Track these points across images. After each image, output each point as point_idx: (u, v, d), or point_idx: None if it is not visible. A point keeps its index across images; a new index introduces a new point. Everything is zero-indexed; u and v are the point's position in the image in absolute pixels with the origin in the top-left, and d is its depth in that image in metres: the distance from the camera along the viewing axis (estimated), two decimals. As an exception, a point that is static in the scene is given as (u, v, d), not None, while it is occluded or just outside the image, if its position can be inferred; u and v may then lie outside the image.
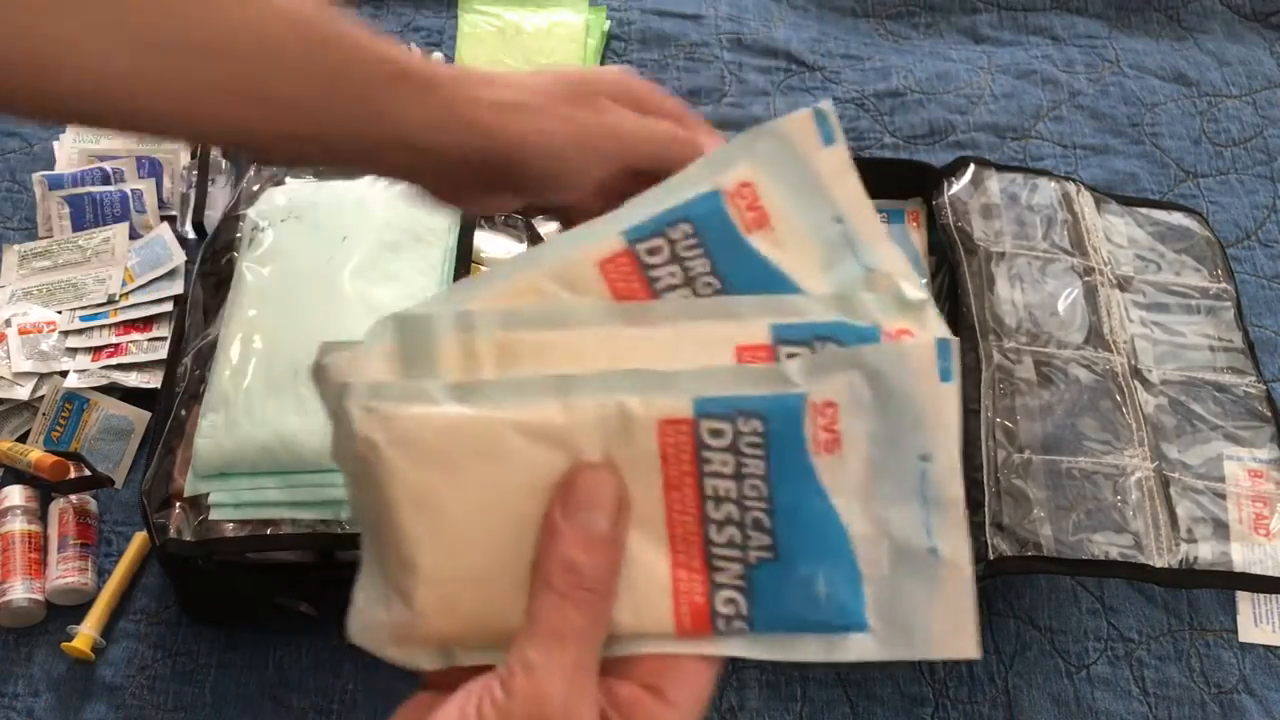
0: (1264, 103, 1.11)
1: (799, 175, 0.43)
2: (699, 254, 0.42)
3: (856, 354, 0.38)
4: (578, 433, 0.38)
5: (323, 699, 0.80)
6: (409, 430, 0.37)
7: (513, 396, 0.38)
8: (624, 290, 0.42)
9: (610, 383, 0.38)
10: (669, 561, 0.38)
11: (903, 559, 0.39)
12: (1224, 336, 0.85)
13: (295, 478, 0.72)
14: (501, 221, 0.87)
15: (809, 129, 0.43)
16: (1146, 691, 0.80)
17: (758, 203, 0.43)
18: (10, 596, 0.81)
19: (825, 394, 0.38)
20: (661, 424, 0.38)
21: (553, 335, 0.40)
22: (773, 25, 1.17)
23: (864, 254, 0.43)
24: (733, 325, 0.40)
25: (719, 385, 0.38)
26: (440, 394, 0.38)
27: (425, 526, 0.37)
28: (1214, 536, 0.75)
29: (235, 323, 0.78)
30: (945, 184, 0.88)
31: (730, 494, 0.38)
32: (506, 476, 0.37)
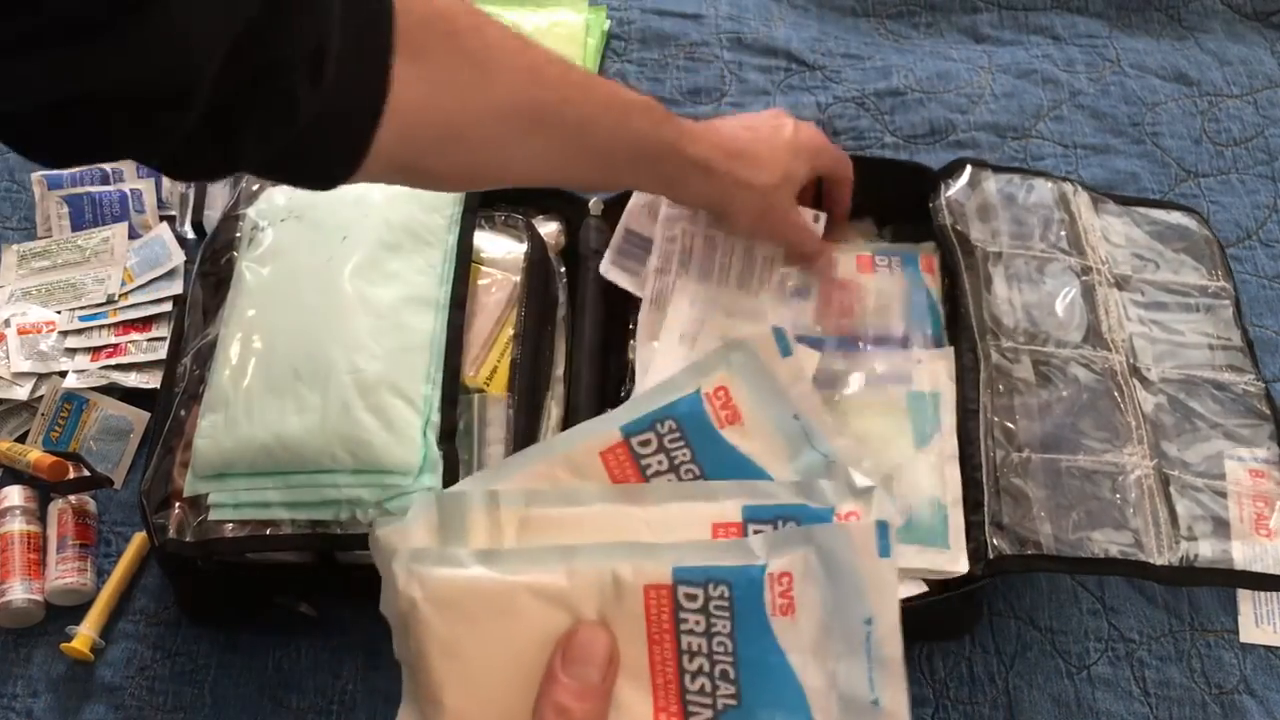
0: (1265, 102, 1.11)
1: (764, 381, 0.53)
2: (681, 445, 0.52)
3: (809, 532, 0.46)
4: (579, 595, 0.45)
5: (323, 699, 0.80)
6: (441, 589, 0.46)
7: (526, 563, 0.46)
8: (619, 475, 0.51)
9: (606, 553, 0.46)
10: (651, 706, 0.46)
11: (849, 708, 0.46)
12: (1223, 335, 0.85)
13: (295, 478, 0.72)
14: (502, 222, 0.87)
15: (770, 344, 0.55)
16: (1147, 692, 0.80)
17: (731, 402, 0.53)
18: (9, 597, 0.81)
19: (782, 565, 0.46)
20: (646, 589, 0.45)
21: (564, 511, 0.49)
22: (773, 25, 1.17)
23: (819, 444, 0.53)
24: (711, 505, 0.49)
25: (695, 556, 0.46)
26: (468, 559, 0.46)
27: (451, 670, 0.46)
28: (1214, 534, 0.75)
29: (235, 323, 0.78)
30: (942, 185, 0.88)
31: (702, 649, 0.46)
32: (519, 630, 0.45)
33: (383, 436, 0.71)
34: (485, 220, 0.86)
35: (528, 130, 0.63)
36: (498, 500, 0.49)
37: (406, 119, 0.55)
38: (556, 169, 0.70)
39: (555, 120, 0.64)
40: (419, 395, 0.73)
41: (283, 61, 0.47)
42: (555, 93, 0.64)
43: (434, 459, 0.72)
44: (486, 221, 0.87)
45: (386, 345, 0.75)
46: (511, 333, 0.82)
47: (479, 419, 0.78)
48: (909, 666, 0.80)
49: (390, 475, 0.71)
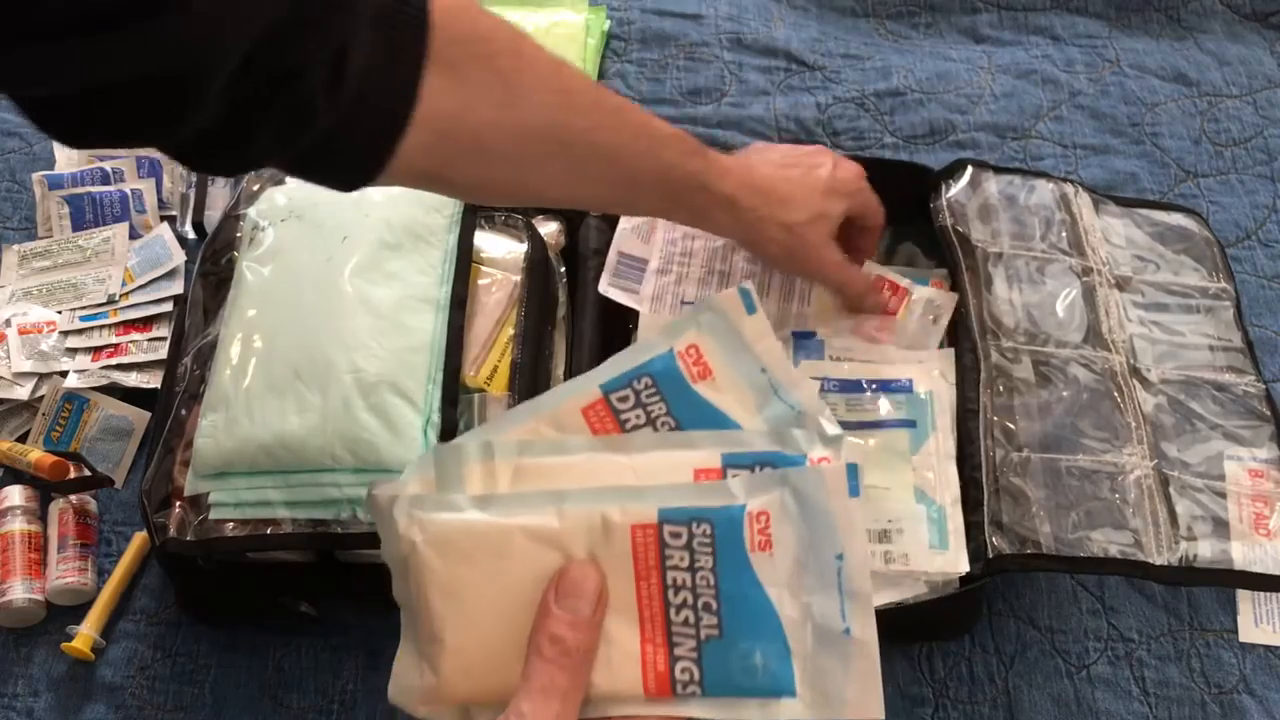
0: (1264, 103, 1.11)
1: (731, 338, 0.57)
2: (657, 399, 0.55)
3: (784, 474, 0.50)
4: (569, 535, 0.48)
5: (323, 699, 0.80)
6: (440, 532, 0.48)
7: (520, 506, 0.49)
8: (600, 429, 0.54)
9: (595, 496, 0.49)
10: (639, 638, 0.49)
11: (823, 638, 0.49)
12: (1223, 336, 0.85)
13: (295, 477, 0.72)
14: (502, 222, 0.87)
15: (736, 303, 0.58)
16: (1147, 691, 0.80)
17: (702, 359, 0.56)
18: (10, 596, 0.81)
19: (760, 505, 0.49)
20: (633, 528, 0.48)
21: (554, 460, 0.51)
22: (773, 25, 1.17)
23: (785, 395, 0.56)
24: (692, 453, 0.52)
25: (678, 498, 0.49)
26: (465, 503, 0.49)
27: (450, 609, 0.48)
28: (1214, 535, 0.75)
29: (235, 322, 0.78)
30: (943, 186, 0.88)
31: (686, 583, 0.49)
32: (513, 570, 0.48)
33: (383, 436, 0.71)
34: (485, 220, 0.87)
35: (554, 152, 0.64)
36: (492, 451, 0.51)
37: (433, 130, 0.56)
38: (580, 192, 0.70)
39: (583, 145, 0.64)
40: (419, 395, 0.73)
41: (303, 67, 0.47)
42: (586, 118, 0.64)
43: (434, 459, 0.72)
44: (486, 221, 0.87)
45: (387, 345, 0.75)
46: (511, 333, 0.82)
47: (479, 419, 0.78)
48: (909, 666, 0.80)
49: (391, 474, 0.71)
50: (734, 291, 0.58)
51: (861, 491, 0.49)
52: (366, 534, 0.71)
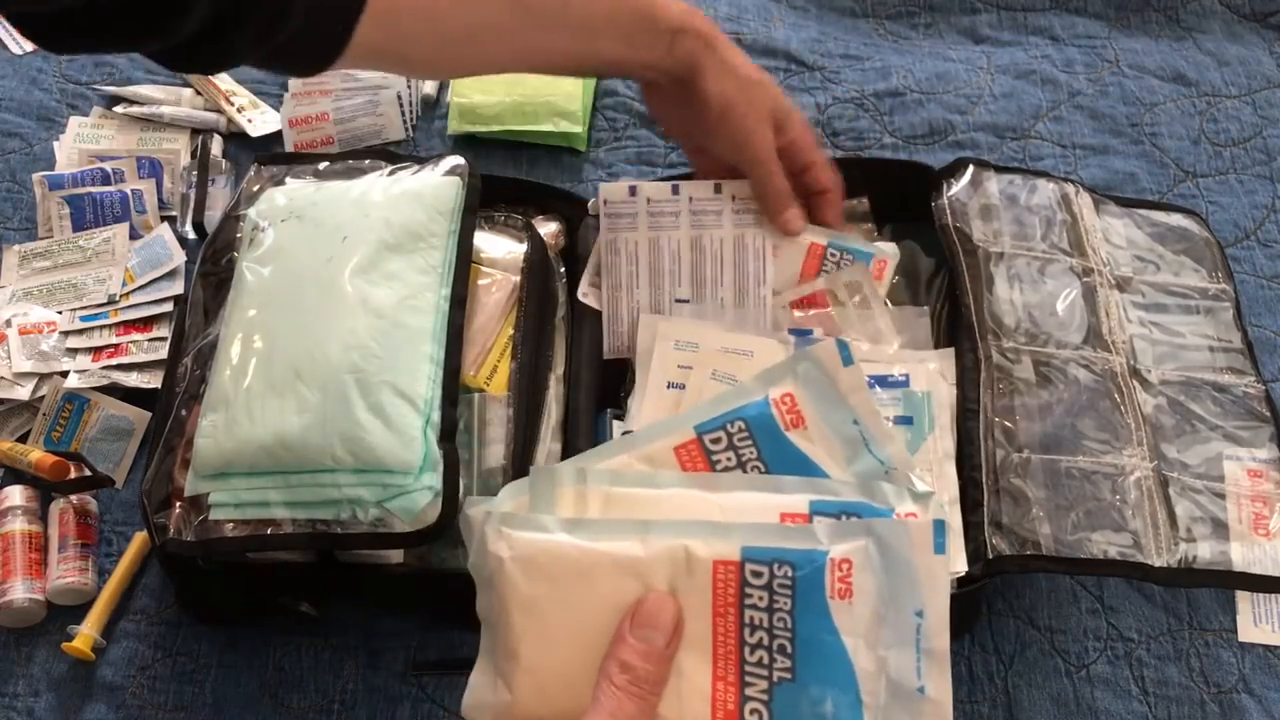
0: (1263, 103, 1.11)
1: (826, 389, 0.57)
2: (749, 444, 0.56)
3: (870, 524, 0.49)
4: (652, 565, 0.49)
5: (323, 699, 0.80)
6: (526, 550, 0.49)
7: (606, 533, 0.50)
8: (690, 468, 0.55)
9: (681, 529, 0.50)
10: (711, 674, 0.49)
11: (897, 694, 0.48)
12: (1223, 337, 0.85)
13: (295, 477, 0.72)
14: (502, 222, 0.87)
15: (833, 354, 0.58)
16: (1146, 691, 0.80)
17: (795, 408, 0.57)
18: (11, 596, 0.81)
19: (844, 552, 0.49)
20: (716, 564, 0.49)
21: (645, 492, 0.52)
22: (772, 25, 1.17)
23: (876, 450, 0.57)
24: (780, 497, 0.52)
25: (763, 538, 0.49)
26: (554, 525, 0.50)
27: (529, 626, 0.48)
28: (1213, 536, 0.75)
29: (235, 323, 0.78)
30: (944, 185, 0.88)
31: (763, 623, 0.49)
32: (594, 594, 0.48)
33: (383, 436, 0.71)
34: (485, 220, 0.87)
35: (503, 9, 0.69)
36: (585, 477, 0.52)
37: (383, 10, 0.62)
38: (533, 45, 0.73)
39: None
40: (419, 395, 0.73)
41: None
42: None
43: (434, 458, 0.72)
44: (486, 221, 0.87)
45: (387, 345, 0.75)
46: (511, 333, 0.82)
47: (479, 419, 0.78)
48: None
49: (391, 474, 0.71)
50: (832, 343, 0.59)
51: (947, 550, 0.49)
52: (366, 534, 0.71)
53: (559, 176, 1.06)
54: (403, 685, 0.80)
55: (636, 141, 1.08)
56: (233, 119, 1.08)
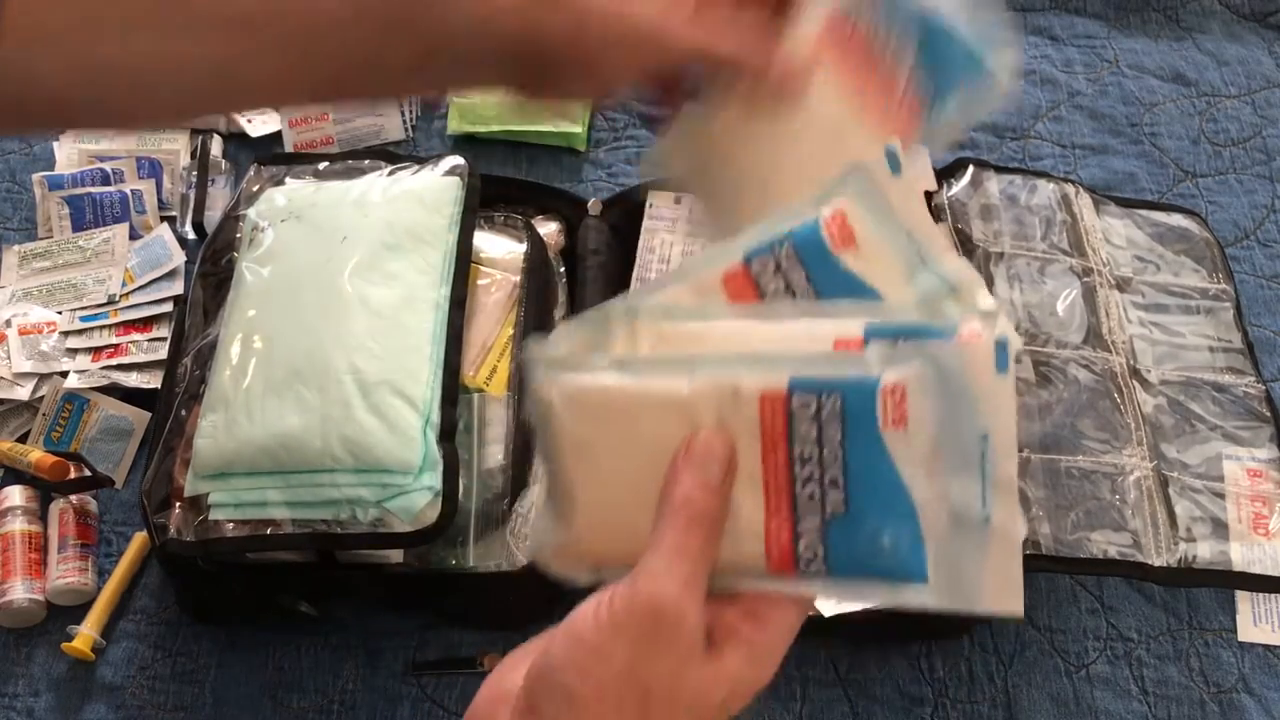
0: (1262, 103, 1.11)
1: (878, 202, 0.53)
2: (798, 268, 0.52)
3: (924, 346, 0.46)
4: (698, 402, 0.47)
5: (323, 699, 0.80)
6: (573, 392, 0.48)
7: (652, 370, 0.48)
8: (738, 297, 0.52)
9: (727, 363, 0.47)
10: (764, 510, 0.46)
11: (960, 523, 0.45)
12: (1223, 337, 0.86)
13: (295, 477, 0.72)
14: (501, 222, 0.87)
15: (882, 165, 0.54)
16: (1146, 691, 0.80)
17: (847, 225, 0.53)
18: (10, 597, 0.81)
19: (897, 378, 0.45)
20: (762, 397, 0.46)
21: (695, 326, 0.50)
22: (772, 25, 1.17)
23: (935, 266, 0.52)
24: (835, 323, 0.49)
25: (810, 367, 0.47)
26: (602, 364, 0.48)
27: (581, 467, 0.47)
28: (1213, 536, 0.75)
29: (235, 323, 0.78)
30: (944, 185, 0.88)
31: (814, 457, 0.46)
32: (642, 433, 0.47)
33: (383, 436, 0.71)
34: (485, 220, 0.87)
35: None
36: (636, 314, 0.50)
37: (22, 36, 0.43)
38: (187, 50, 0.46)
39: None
40: (419, 395, 0.74)
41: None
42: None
43: (434, 458, 0.72)
44: (486, 221, 0.87)
45: (386, 345, 0.75)
46: (511, 333, 0.82)
47: (479, 419, 0.78)
48: (909, 665, 0.80)
49: (390, 474, 0.71)
50: (880, 157, 0.54)
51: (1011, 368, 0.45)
52: (366, 534, 0.71)
53: (559, 176, 1.06)
54: (403, 685, 0.80)
55: (636, 141, 1.08)
56: (232, 119, 1.08)
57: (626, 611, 0.41)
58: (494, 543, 0.76)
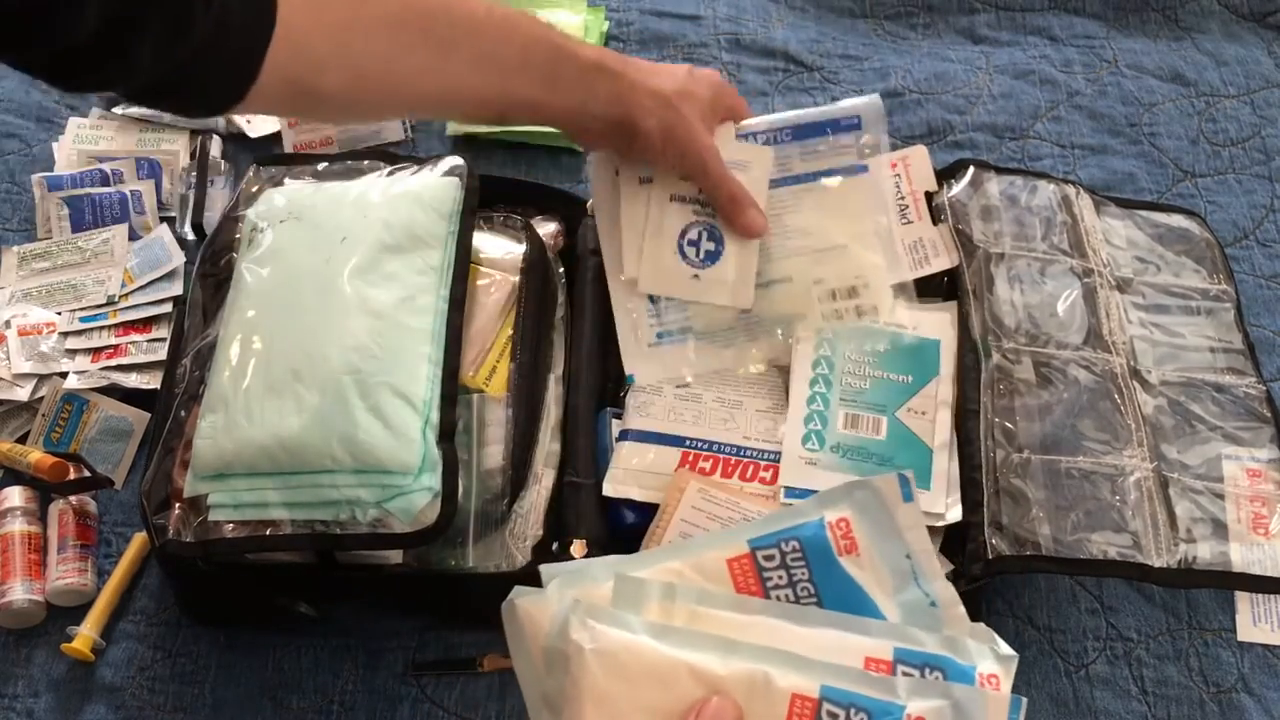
0: (1262, 103, 1.11)
1: (883, 519, 0.58)
2: (801, 565, 0.56)
3: (949, 688, 0.51)
4: (730, 684, 0.49)
5: (322, 699, 0.80)
6: (610, 646, 0.50)
7: (689, 644, 0.51)
8: (742, 584, 0.56)
9: (763, 655, 0.51)
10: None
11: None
12: (1224, 338, 0.86)
13: (294, 478, 0.72)
14: (501, 222, 0.87)
15: (894, 488, 0.59)
16: (1145, 691, 0.80)
17: (850, 534, 0.58)
18: (10, 597, 0.81)
19: (920, 711, 0.50)
20: (794, 696, 0.49)
21: (731, 616, 0.53)
22: (771, 26, 1.18)
23: (924, 584, 0.58)
24: (866, 640, 0.53)
25: (844, 680, 0.50)
26: (639, 627, 0.51)
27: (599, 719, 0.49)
28: (1213, 536, 0.75)
29: (234, 323, 0.78)
30: (945, 185, 0.88)
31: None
32: (668, 702, 0.49)
33: (382, 436, 0.71)
34: (484, 221, 0.87)
35: (416, 41, 0.67)
36: (674, 593, 0.53)
37: (295, 33, 0.58)
38: (448, 82, 0.71)
39: (443, 27, 0.67)
40: (418, 395, 0.74)
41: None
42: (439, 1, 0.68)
43: (433, 459, 0.72)
44: (486, 222, 0.87)
45: (386, 346, 0.75)
46: (510, 333, 0.82)
47: (478, 419, 0.78)
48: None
49: (390, 475, 0.71)
50: (894, 478, 0.59)
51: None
52: (365, 535, 0.71)
53: (558, 177, 1.06)
54: (402, 685, 0.80)
55: (635, 142, 1.08)
56: (231, 120, 1.08)
57: None
58: (493, 543, 0.76)
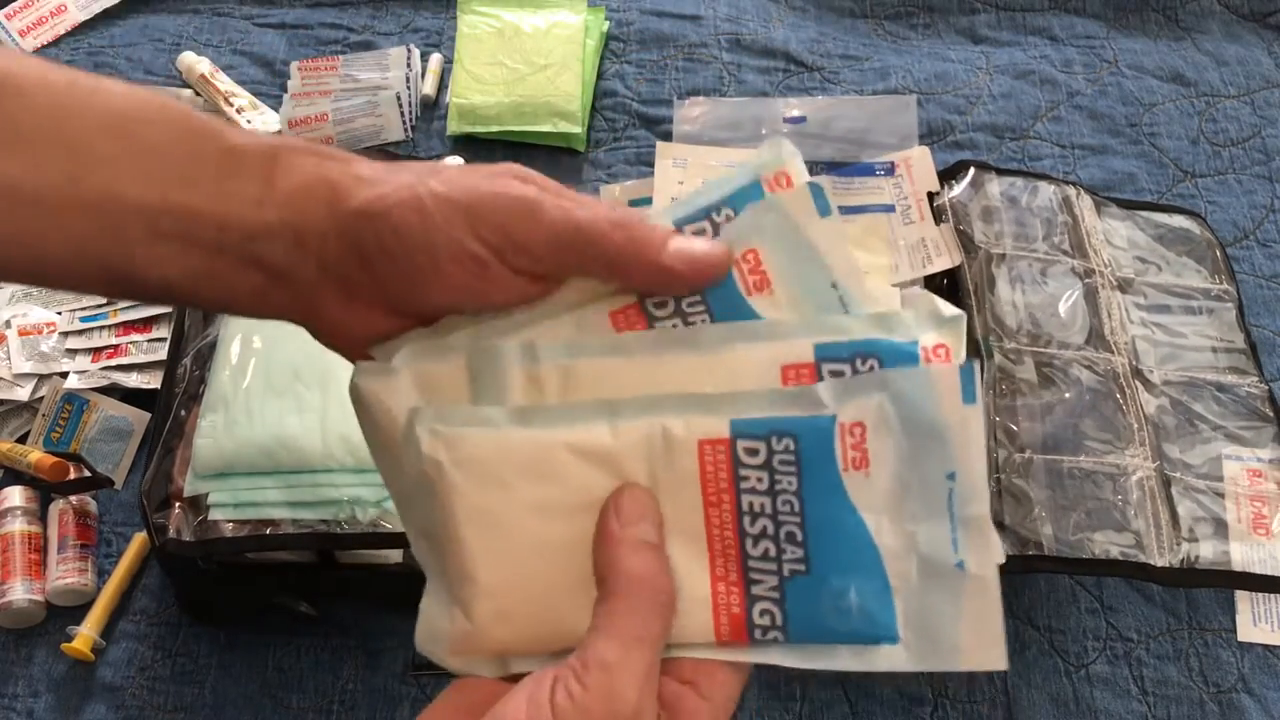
0: (1262, 103, 1.11)
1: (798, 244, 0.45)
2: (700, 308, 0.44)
3: (884, 377, 0.40)
4: (625, 454, 0.40)
5: (322, 699, 0.80)
6: (472, 451, 0.40)
7: (566, 420, 0.40)
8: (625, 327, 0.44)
9: (655, 406, 0.41)
10: (709, 575, 0.41)
11: (931, 573, 0.41)
12: (1225, 337, 0.86)
13: (294, 478, 0.72)
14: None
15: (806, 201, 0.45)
16: (1145, 691, 0.80)
17: (760, 267, 0.45)
18: (10, 597, 0.81)
19: (854, 415, 0.40)
20: (701, 444, 0.40)
21: (612, 362, 0.42)
22: (771, 26, 1.18)
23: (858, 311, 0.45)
24: (779, 345, 0.42)
25: (755, 407, 0.40)
26: (501, 418, 0.40)
27: (484, 542, 0.40)
28: (1214, 536, 0.75)
29: (234, 323, 0.78)
30: (946, 186, 0.88)
31: (765, 509, 0.40)
32: (559, 495, 0.40)
33: (383, 437, 0.71)
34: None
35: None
36: (536, 354, 0.42)
37: None
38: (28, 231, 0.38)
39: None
40: (419, 395, 0.73)
41: None
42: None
43: (434, 459, 0.72)
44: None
45: (386, 345, 0.75)
46: (511, 333, 0.82)
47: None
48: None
49: (390, 475, 0.71)
50: (804, 188, 0.45)
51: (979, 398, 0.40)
52: (366, 534, 0.71)
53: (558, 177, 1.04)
54: (402, 685, 0.80)
55: (635, 142, 1.08)
56: (232, 120, 1.08)
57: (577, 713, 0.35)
58: (494, 543, 0.76)
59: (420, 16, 1.19)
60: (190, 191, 0.39)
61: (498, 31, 1.13)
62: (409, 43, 1.15)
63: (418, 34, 1.18)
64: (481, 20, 1.14)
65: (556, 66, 1.09)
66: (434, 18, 1.19)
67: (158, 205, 0.38)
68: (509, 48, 1.11)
